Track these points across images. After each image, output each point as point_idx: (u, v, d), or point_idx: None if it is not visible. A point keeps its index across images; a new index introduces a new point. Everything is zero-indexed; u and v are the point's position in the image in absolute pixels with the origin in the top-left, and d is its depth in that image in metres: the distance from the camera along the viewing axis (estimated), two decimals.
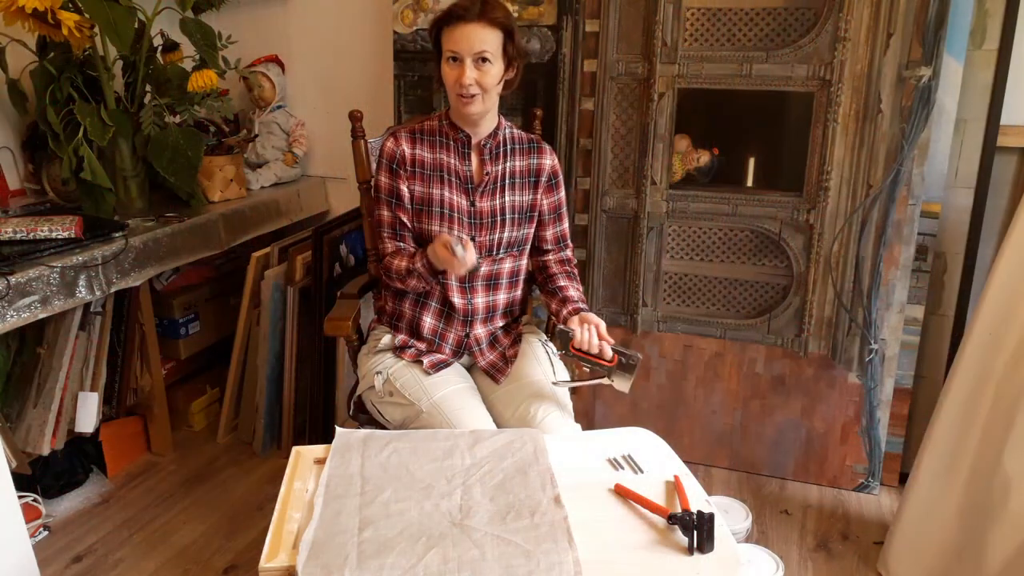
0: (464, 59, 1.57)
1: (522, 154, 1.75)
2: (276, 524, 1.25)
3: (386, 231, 1.73)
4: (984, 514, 1.71)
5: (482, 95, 1.60)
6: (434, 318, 1.74)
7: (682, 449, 2.05)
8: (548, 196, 1.78)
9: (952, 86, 2.02)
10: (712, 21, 2.14)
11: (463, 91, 1.58)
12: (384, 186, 1.71)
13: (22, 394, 2.20)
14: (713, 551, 1.19)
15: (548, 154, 1.78)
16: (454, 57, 1.58)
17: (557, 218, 1.81)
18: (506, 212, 1.73)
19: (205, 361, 2.74)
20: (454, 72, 1.59)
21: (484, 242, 1.71)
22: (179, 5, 2.22)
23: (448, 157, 1.70)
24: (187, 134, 2.21)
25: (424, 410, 1.61)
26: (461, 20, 1.56)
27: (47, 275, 1.78)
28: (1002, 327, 1.72)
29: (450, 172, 1.70)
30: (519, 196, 1.75)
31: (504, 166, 1.73)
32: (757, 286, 2.28)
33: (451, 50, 1.58)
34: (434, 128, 1.72)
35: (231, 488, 2.34)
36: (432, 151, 1.70)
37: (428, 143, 1.71)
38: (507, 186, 1.73)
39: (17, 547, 1.71)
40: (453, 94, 1.62)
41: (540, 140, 1.80)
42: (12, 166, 2.36)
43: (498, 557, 1.15)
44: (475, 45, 1.56)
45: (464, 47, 1.56)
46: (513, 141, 1.75)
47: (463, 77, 1.57)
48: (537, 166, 1.76)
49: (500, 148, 1.72)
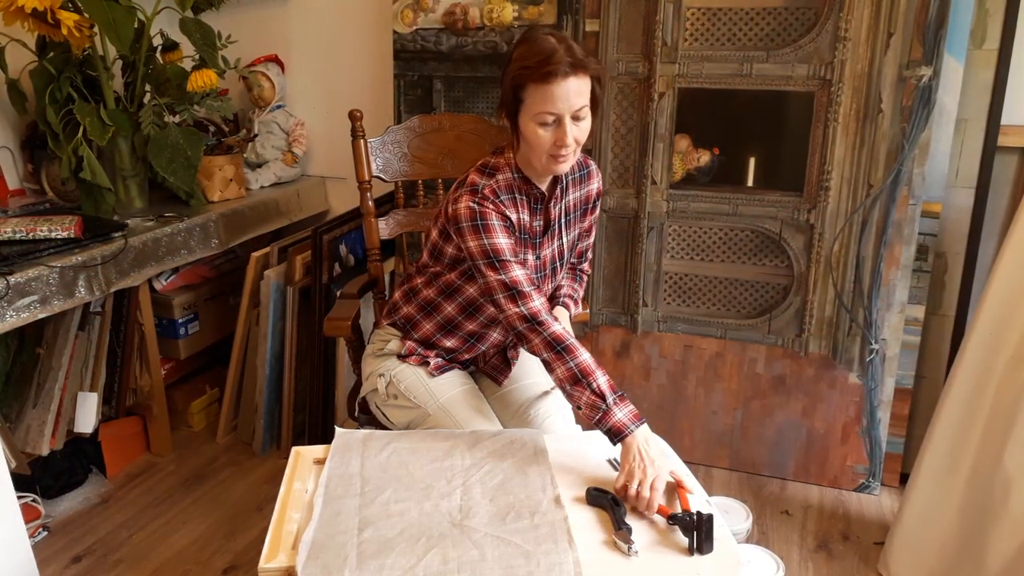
0: (564, 119, 1.39)
1: (575, 185, 1.63)
2: (275, 524, 1.25)
3: (527, 288, 1.45)
4: (985, 514, 1.71)
5: (576, 149, 1.45)
6: (457, 343, 1.67)
7: (682, 449, 2.05)
8: (589, 216, 1.71)
9: (952, 86, 2.02)
10: (712, 21, 2.14)
11: (563, 152, 1.42)
12: (509, 248, 1.46)
13: (21, 394, 2.20)
14: (712, 551, 1.19)
15: (596, 177, 1.67)
16: (549, 118, 1.40)
17: (587, 234, 1.76)
18: (564, 254, 1.66)
19: (204, 361, 2.74)
20: (549, 134, 1.41)
21: (547, 290, 1.65)
22: (179, 5, 2.22)
23: (523, 214, 1.54)
24: (186, 134, 2.21)
25: (431, 413, 1.59)
26: (556, 76, 1.36)
27: (46, 275, 1.77)
28: (1003, 327, 1.71)
29: (529, 232, 1.56)
30: (573, 231, 1.66)
31: (562, 205, 1.61)
32: (757, 286, 2.28)
33: (547, 112, 1.39)
34: (510, 184, 1.51)
35: (230, 488, 2.34)
36: (514, 211, 1.51)
37: (509, 202, 1.51)
38: (563, 225, 1.63)
39: (16, 547, 1.71)
40: (543, 155, 1.44)
41: (588, 161, 1.66)
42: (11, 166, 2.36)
43: (498, 558, 1.15)
44: (575, 103, 1.39)
45: (563, 107, 1.38)
46: (568, 173, 1.60)
47: (564, 139, 1.40)
48: (586, 194, 1.66)
49: (562, 183, 1.59)
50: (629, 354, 2.40)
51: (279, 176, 2.66)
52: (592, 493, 1.29)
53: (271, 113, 2.67)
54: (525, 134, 1.44)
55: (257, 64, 2.65)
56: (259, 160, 2.66)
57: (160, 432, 2.48)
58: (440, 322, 1.64)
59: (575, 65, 1.37)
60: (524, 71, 1.39)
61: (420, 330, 1.67)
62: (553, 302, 1.72)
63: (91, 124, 2.08)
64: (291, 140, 2.68)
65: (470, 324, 1.63)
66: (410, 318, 1.68)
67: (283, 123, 2.68)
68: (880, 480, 2.28)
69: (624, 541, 1.18)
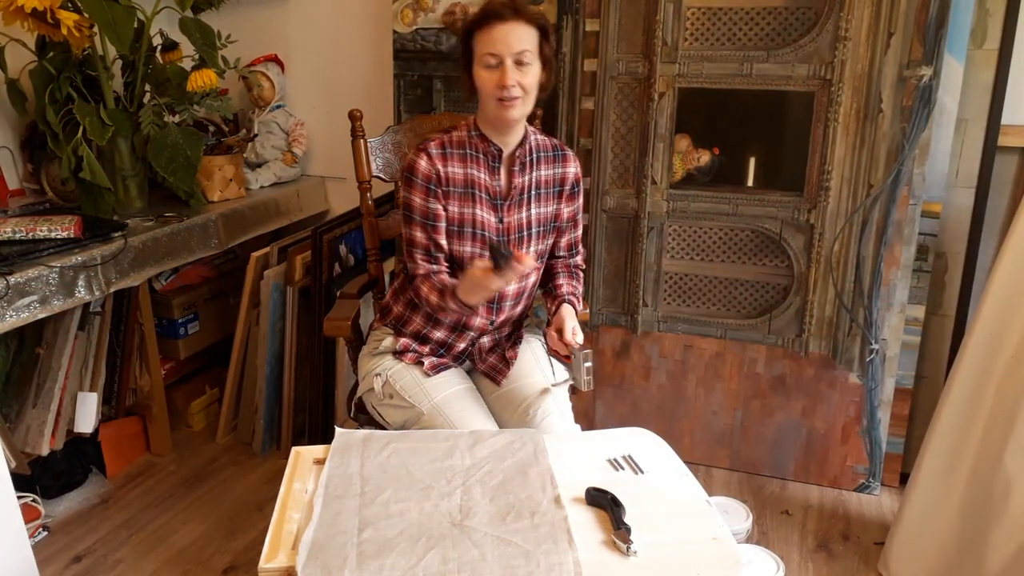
0: (505, 60, 1.51)
1: (547, 163, 1.70)
2: (275, 524, 1.25)
3: (419, 253, 1.64)
4: (985, 514, 1.71)
5: (523, 97, 1.54)
6: (445, 332, 1.71)
7: (682, 449, 2.06)
8: (569, 204, 1.74)
9: (953, 86, 2.02)
10: (712, 20, 2.14)
11: (506, 93, 1.52)
12: (419, 208, 1.62)
13: (21, 394, 2.20)
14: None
15: (572, 162, 1.73)
16: (492, 59, 1.52)
17: (573, 225, 1.78)
18: (532, 225, 1.69)
19: (204, 361, 2.73)
20: (494, 76, 1.52)
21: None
22: (178, 4, 2.22)
23: (479, 172, 1.63)
24: (186, 134, 2.21)
25: (425, 412, 1.60)
26: (498, 20, 1.50)
27: (46, 275, 1.77)
28: (1003, 327, 1.71)
29: (480, 188, 1.64)
30: (544, 208, 1.70)
31: (531, 177, 1.67)
32: (757, 286, 2.28)
33: (489, 52, 1.51)
34: (463, 140, 1.64)
35: (230, 488, 2.33)
36: (463, 166, 1.63)
37: (458, 157, 1.63)
38: (533, 198, 1.68)
39: (16, 547, 1.71)
40: (493, 99, 1.54)
41: (564, 147, 1.74)
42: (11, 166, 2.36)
43: (498, 558, 1.15)
44: (514, 45, 1.50)
45: (503, 47, 1.50)
46: (539, 149, 1.69)
47: (505, 79, 1.50)
48: (561, 175, 1.71)
49: (528, 157, 1.67)
50: (629, 354, 2.40)
51: (279, 176, 2.66)
52: (592, 493, 1.29)
53: (271, 113, 2.67)
54: (477, 82, 1.56)
55: (257, 64, 2.65)
56: (259, 160, 2.66)
57: (160, 432, 2.48)
58: (427, 312, 1.69)
59: (515, 12, 1.51)
60: (471, 22, 1.55)
61: (411, 325, 1.72)
62: (556, 300, 1.73)
63: (91, 124, 2.08)
64: (291, 140, 2.68)
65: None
66: (400, 316, 1.73)
67: (283, 123, 2.68)
68: (880, 480, 2.28)
69: (623, 541, 1.18)
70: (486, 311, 1.69)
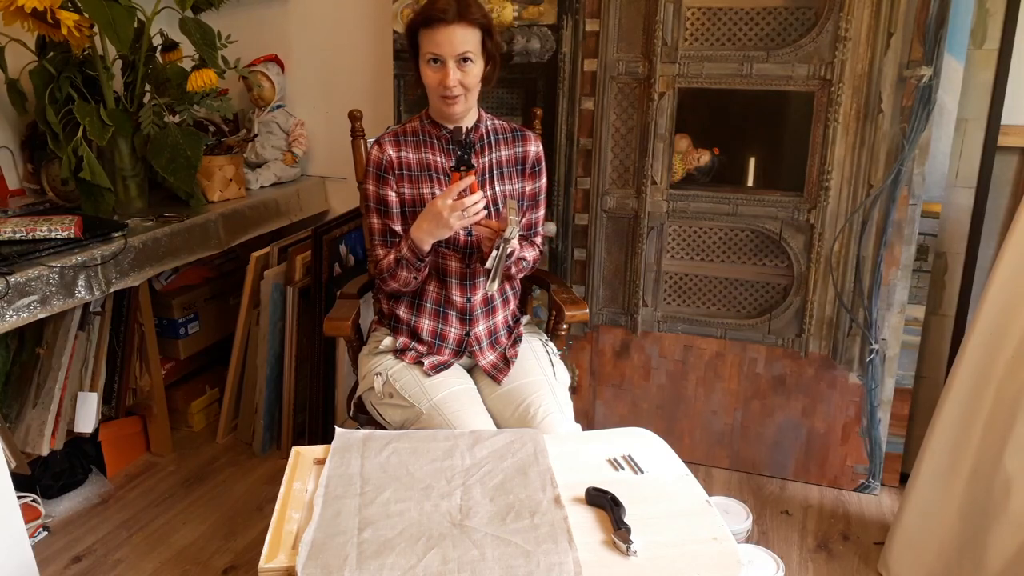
0: (447, 61, 1.57)
1: (507, 143, 1.76)
2: (275, 524, 1.25)
3: (377, 239, 1.73)
4: (985, 514, 1.71)
5: (465, 94, 1.61)
6: (431, 319, 1.74)
7: (682, 449, 2.06)
8: (530, 183, 1.78)
9: (953, 86, 2.02)
10: (712, 20, 2.14)
11: (447, 92, 1.59)
12: (372, 194, 1.71)
13: (21, 394, 2.20)
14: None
15: (533, 141, 1.78)
16: (435, 59, 1.58)
17: (535, 205, 1.81)
18: (498, 203, 1.72)
19: (205, 361, 2.74)
20: (436, 74, 1.59)
21: None
22: (178, 4, 2.22)
23: (434, 155, 1.71)
24: (186, 134, 2.21)
25: (424, 412, 1.61)
26: (441, 22, 1.55)
27: (46, 275, 1.77)
28: (1003, 327, 1.71)
29: (438, 171, 1.71)
30: (508, 185, 1.75)
31: (490, 157, 1.73)
32: (757, 286, 2.28)
33: (432, 52, 1.58)
34: (416, 128, 1.72)
35: (231, 488, 2.34)
36: (417, 151, 1.71)
37: (412, 144, 1.71)
38: (496, 177, 1.73)
39: (16, 547, 1.71)
40: (436, 95, 1.63)
41: (524, 128, 1.81)
42: (11, 166, 2.36)
43: (498, 558, 1.15)
44: (457, 46, 1.56)
45: (446, 49, 1.56)
46: (496, 132, 1.76)
47: (447, 79, 1.57)
48: (523, 153, 1.77)
49: (484, 140, 1.73)
50: (629, 354, 2.40)
51: (279, 176, 2.66)
52: (592, 493, 1.29)
53: (271, 113, 2.67)
54: (422, 76, 1.63)
55: (257, 64, 2.65)
56: (259, 160, 2.66)
57: (160, 432, 2.48)
58: (407, 302, 1.74)
59: (459, 15, 1.54)
60: (416, 18, 1.60)
61: (399, 317, 1.75)
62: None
63: (91, 124, 2.08)
64: (291, 140, 2.68)
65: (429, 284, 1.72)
66: (392, 313, 1.77)
67: (283, 123, 2.68)
68: (880, 480, 2.28)
69: (623, 541, 1.18)
70: (460, 289, 1.72)
